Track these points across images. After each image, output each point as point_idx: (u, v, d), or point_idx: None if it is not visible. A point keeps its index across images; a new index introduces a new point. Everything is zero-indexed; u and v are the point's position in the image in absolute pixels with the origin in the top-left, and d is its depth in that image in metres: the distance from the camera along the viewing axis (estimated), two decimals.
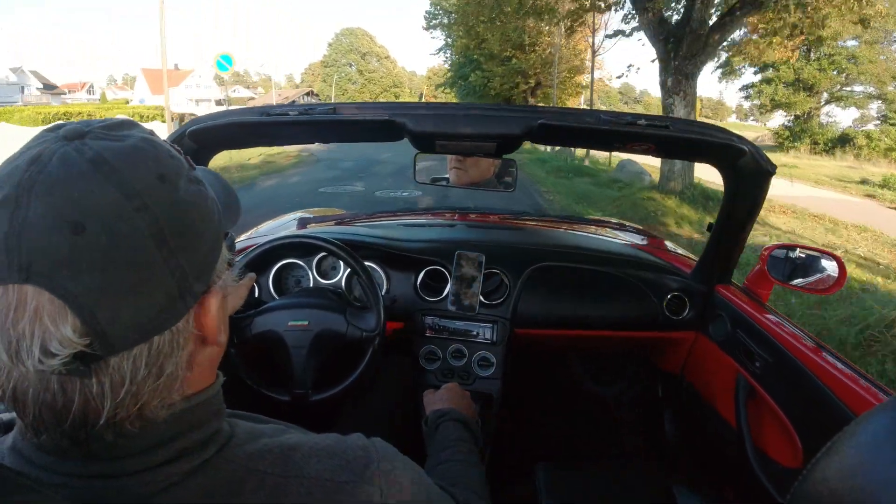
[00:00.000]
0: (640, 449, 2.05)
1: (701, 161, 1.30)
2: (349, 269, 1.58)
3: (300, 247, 1.45)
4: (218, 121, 1.18)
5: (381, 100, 65.87)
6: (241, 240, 1.92)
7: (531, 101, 30.31)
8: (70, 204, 0.41)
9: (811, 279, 1.42)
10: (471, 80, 33.13)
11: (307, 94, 69.18)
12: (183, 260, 0.45)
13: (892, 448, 0.46)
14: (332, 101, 60.72)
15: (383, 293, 1.61)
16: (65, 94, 56.11)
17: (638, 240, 2.17)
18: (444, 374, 1.58)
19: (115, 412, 0.45)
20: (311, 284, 1.60)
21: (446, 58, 35.59)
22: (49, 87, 52.70)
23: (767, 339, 1.30)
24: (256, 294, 1.56)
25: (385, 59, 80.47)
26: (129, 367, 0.44)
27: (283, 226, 2.20)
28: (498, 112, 1.13)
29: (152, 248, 0.43)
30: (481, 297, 1.61)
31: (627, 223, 2.57)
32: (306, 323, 1.30)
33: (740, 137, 1.17)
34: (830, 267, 1.40)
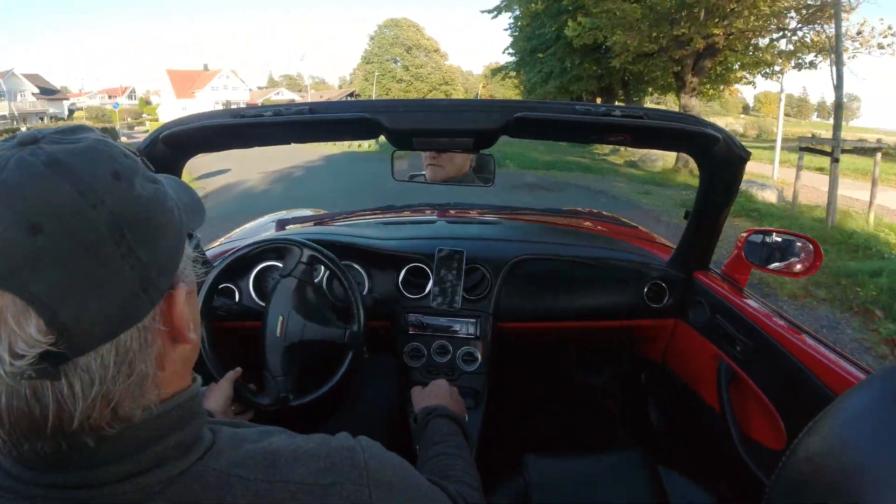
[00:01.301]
0: (626, 436, 2.07)
1: (676, 150, 1.32)
2: (328, 271, 1.57)
3: (279, 249, 1.44)
4: (191, 124, 1.16)
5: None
6: (221, 243, 1.90)
7: (692, 80, 13.54)
8: (27, 205, 0.41)
9: (788, 262, 1.45)
10: (565, 36, 16.26)
11: (349, 95, 63.88)
12: (143, 254, 0.46)
13: (873, 425, 0.46)
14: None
15: (365, 292, 1.60)
16: (66, 98, 54.44)
17: (616, 229, 2.19)
18: (430, 370, 1.58)
19: (87, 414, 0.44)
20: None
21: (512, 34, 22.67)
22: (47, 92, 49.96)
23: (747, 324, 1.32)
24: (237, 298, 1.55)
25: (434, 53, 69.22)
26: (97, 366, 0.44)
27: (261, 228, 2.17)
28: (474, 107, 1.13)
29: (110, 244, 0.44)
30: (463, 293, 1.61)
31: (605, 213, 2.59)
32: (280, 317, 1.31)
33: (713, 125, 1.19)
34: (806, 250, 1.42)
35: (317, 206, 3.36)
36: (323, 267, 1.57)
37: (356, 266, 1.63)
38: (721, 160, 1.24)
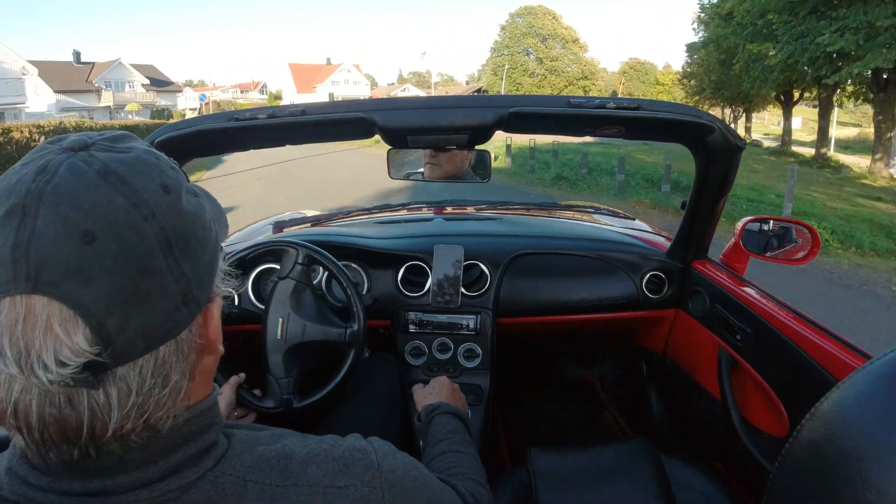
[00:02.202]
0: (629, 427, 2.07)
1: (672, 140, 1.31)
2: (327, 272, 1.57)
3: (275, 252, 1.44)
4: (185, 129, 1.16)
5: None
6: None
7: None
8: (81, 213, 0.41)
9: (786, 250, 1.45)
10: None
11: (476, 91, 58.72)
12: (187, 268, 0.46)
13: (875, 409, 0.47)
14: None
15: (364, 292, 1.60)
16: (179, 91, 50.83)
17: (613, 222, 2.19)
18: (431, 368, 1.58)
19: (121, 424, 0.44)
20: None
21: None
22: (158, 83, 46.74)
23: (746, 312, 1.32)
24: (236, 302, 1.55)
25: (572, 44, 60.11)
26: (135, 377, 0.45)
27: (258, 230, 2.17)
28: (468, 103, 1.13)
29: (159, 257, 0.44)
30: (463, 290, 1.61)
31: (602, 206, 2.59)
32: (280, 319, 1.32)
33: (708, 115, 1.19)
34: (804, 237, 1.42)
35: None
36: (321, 268, 1.57)
37: (355, 266, 1.63)
38: (717, 150, 1.24)
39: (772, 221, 1.47)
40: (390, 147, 1.44)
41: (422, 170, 2.18)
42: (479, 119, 1.11)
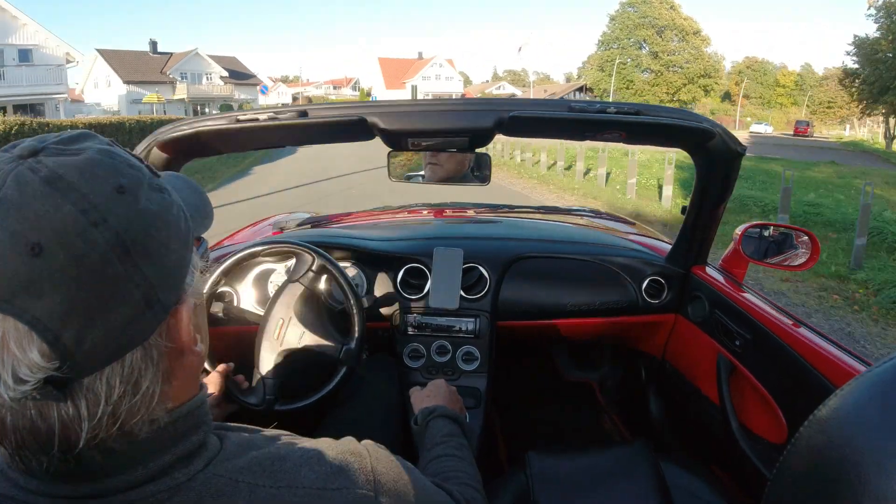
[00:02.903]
0: (627, 432, 2.07)
1: (672, 146, 1.31)
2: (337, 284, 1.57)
3: (276, 252, 1.44)
4: (185, 130, 1.16)
5: (682, 95, 50.51)
6: (219, 247, 1.89)
7: None
8: (27, 225, 0.40)
9: (785, 256, 1.45)
10: None
11: (579, 90, 55.87)
12: (148, 272, 0.44)
13: (874, 416, 0.47)
14: (611, 97, 48.33)
15: (363, 294, 1.60)
16: (260, 84, 47.44)
17: (614, 226, 2.19)
18: (429, 370, 1.58)
19: (94, 433, 0.44)
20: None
21: None
22: (238, 76, 43.53)
23: (746, 318, 1.32)
24: (236, 303, 1.54)
25: (693, 37, 52.08)
26: (103, 387, 0.44)
27: (258, 230, 2.17)
28: (468, 106, 1.13)
29: (114, 263, 0.42)
30: (462, 292, 1.61)
31: (603, 210, 2.59)
32: (281, 320, 1.31)
33: (709, 120, 1.19)
34: (804, 243, 1.42)
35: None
36: (331, 278, 1.57)
37: (354, 267, 1.63)
38: (718, 156, 1.24)
39: (772, 227, 1.48)
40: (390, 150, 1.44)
41: (422, 172, 2.18)
42: (479, 122, 1.11)
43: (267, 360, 1.29)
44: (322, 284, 1.39)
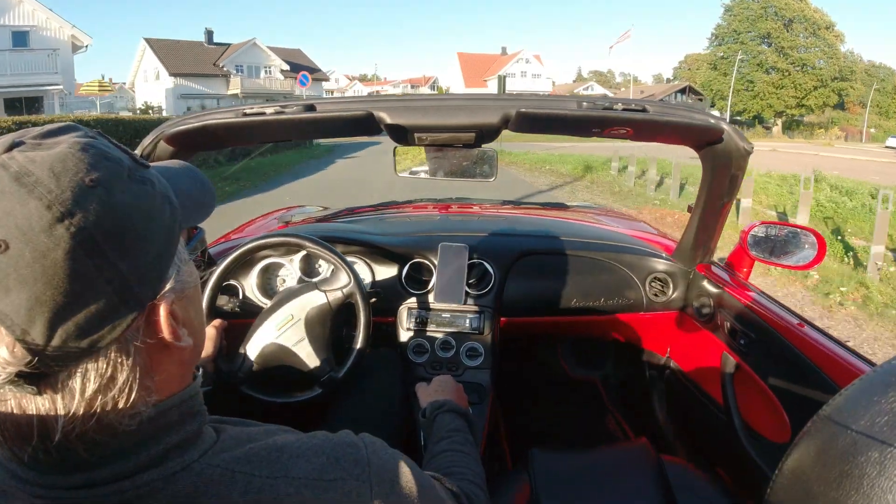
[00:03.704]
0: (630, 429, 2.07)
1: (679, 143, 1.31)
2: (332, 267, 1.57)
3: (281, 246, 1.44)
4: (192, 123, 1.17)
5: (812, 100, 44.43)
6: (226, 242, 1.90)
7: None
8: None
9: (791, 255, 1.44)
10: None
11: (681, 91, 48.96)
12: (122, 266, 0.44)
13: (877, 417, 0.46)
14: (728, 100, 43.46)
15: (369, 288, 1.60)
16: (326, 80, 42.12)
17: (619, 224, 2.19)
18: (433, 366, 1.58)
19: (71, 426, 0.44)
20: (296, 283, 1.59)
21: None
22: (302, 70, 32.45)
23: (750, 317, 1.32)
24: (241, 296, 1.55)
25: (824, 32, 44.04)
26: (77, 381, 0.44)
27: (264, 224, 2.18)
28: (475, 102, 1.13)
29: (82, 258, 0.41)
30: (467, 288, 1.61)
31: (609, 208, 2.59)
32: (291, 316, 1.30)
33: (718, 117, 1.18)
34: (809, 242, 1.42)
35: None
36: (325, 262, 1.57)
37: (359, 261, 1.63)
38: (725, 154, 1.23)
39: (778, 226, 1.47)
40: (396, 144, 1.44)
41: (426, 167, 2.18)
42: (486, 118, 1.11)
43: (257, 343, 1.29)
44: (341, 306, 1.37)
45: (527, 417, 2.16)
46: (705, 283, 1.54)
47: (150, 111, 26.06)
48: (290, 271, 1.61)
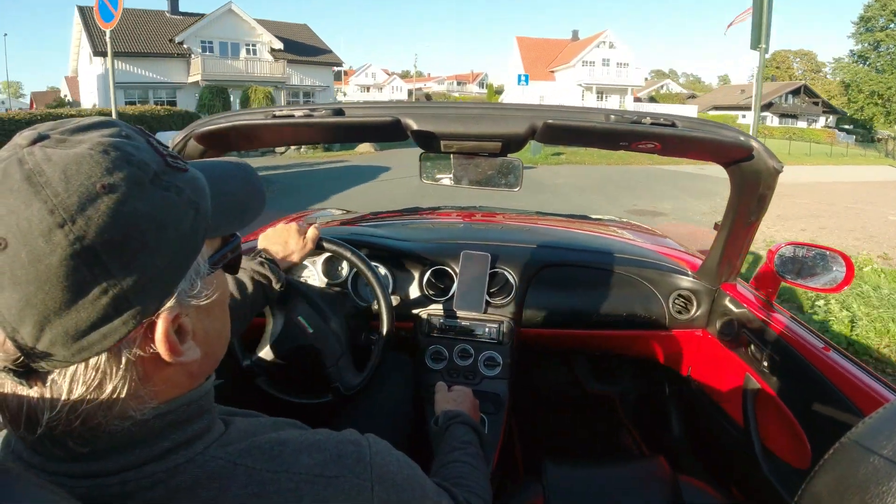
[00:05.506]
0: (647, 446, 2.04)
1: (707, 159, 1.29)
2: (355, 270, 1.59)
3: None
4: (222, 123, 1.19)
5: None
6: (248, 242, 1.93)
7: None
8: None
9: (819, 277, 1.42)
10: None
11: (793, 92, 40.85)
12: (122, 278, 0.43)
13: None
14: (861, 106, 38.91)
15: (389, 293, 1.61)
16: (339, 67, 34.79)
17: (644, 239, 2.17)
18: (451, 373, 1.58)
19: (55, 423, 0.45)
20: (317, 284, 1.61)
21: None
22: (303, 50, 28.30)
23: (775, 338, 1.29)
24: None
25: None
26: (65, 382, 0.45)
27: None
28: (503, 111, 1.13)
29: (79, 266, 0.41)
30: (487, 297, 1.61)
31: (634, 222, 2.56)
32: (314, 318, 1.33)
33: (748, 135, 1.16)
34: (838, 265, 1.39)
35: None
36: (348, 265, 1.59)
37: (381, 266, 1.64)
38: (755, 173, 1.21)
39: (806, 247, 1.44)
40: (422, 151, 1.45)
41: (451, 174, 2.19)
42: (512, 128, 1.11)
43: (277, 339, 1.31)
44: (372, 333, 1.39)
45: (541, 429, 2.14)
46: (729, 303, 1.52)
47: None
48: (312, 273, 1.63)
